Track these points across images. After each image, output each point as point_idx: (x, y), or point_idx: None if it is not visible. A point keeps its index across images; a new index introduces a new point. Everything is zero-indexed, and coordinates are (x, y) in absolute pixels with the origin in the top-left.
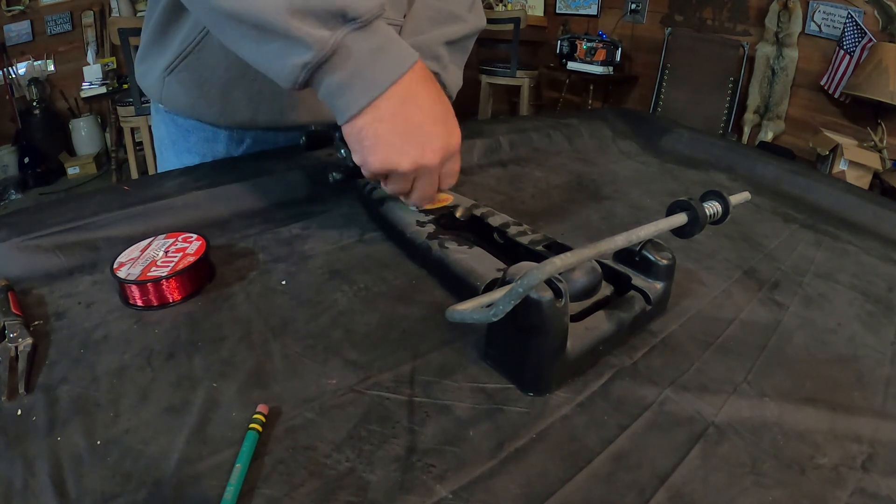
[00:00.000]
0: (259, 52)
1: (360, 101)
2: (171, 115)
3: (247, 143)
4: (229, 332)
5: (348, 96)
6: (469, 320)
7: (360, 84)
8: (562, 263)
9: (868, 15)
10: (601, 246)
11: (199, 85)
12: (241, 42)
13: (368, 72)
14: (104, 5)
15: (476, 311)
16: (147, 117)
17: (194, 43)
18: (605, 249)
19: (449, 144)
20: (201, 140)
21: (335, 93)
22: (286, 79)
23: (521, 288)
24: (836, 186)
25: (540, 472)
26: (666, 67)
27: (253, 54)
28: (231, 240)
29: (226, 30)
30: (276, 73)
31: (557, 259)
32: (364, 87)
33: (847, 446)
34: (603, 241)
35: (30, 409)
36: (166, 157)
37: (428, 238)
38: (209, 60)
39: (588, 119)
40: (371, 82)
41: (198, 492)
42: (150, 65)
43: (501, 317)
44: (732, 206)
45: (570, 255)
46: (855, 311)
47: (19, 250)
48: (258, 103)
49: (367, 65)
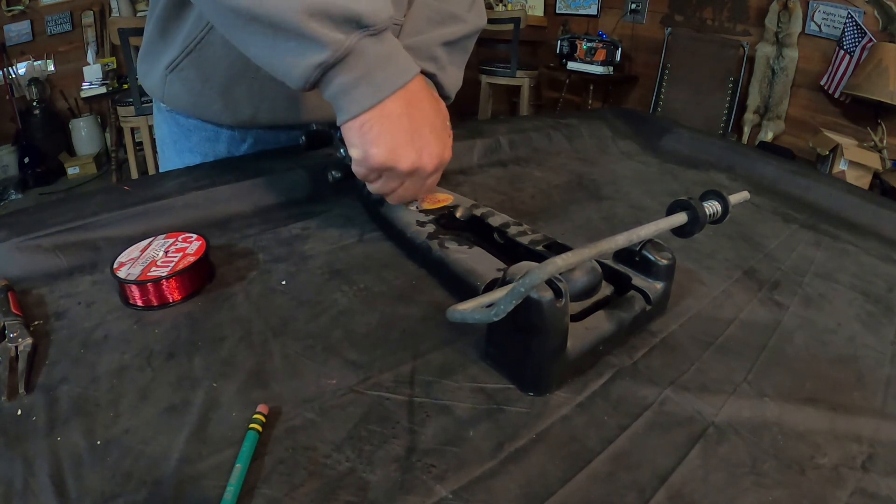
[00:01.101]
0: (272, 51)
1: (366, 101)
2: (173, 115)
3: (248, 142)
4: (229, 332)
5: (355, 96)
6: (470, 320)
7: (368, 86)
8: (563, 263)
9: (868, 15)
10: (602, 245)
11: (200, 83)
12: (253, 40)
13: (377, 75)
14: (104, 5)
15: (477, 310)
16: (147, 117)
17: (196, 41)
18: (605, 249)
19: (444, 154)
20: (203, 139)
21: (342, 93)
22: (298, 78)
23: (522, 287)
24: (836, 186)
25: (540, 472)
26: (666, 67)
27: (264, 53)
28: (231, 240)
29: (236, 28)
30: (287, 73)
31: (559, 259)
32: (372, 89)
33: (847, 446)
34: (604, 240)
35: (30, 409)
36: (168, 157)
37: (428, 238)
38: (211, 58)
39: (588, 119)
40: (380, 85)
41: (198, 492)
42: (151, 63)
43: (503, 316)
44: (732, 205)
45: (572, 254)
46: (855, 311)
47: (19, 250)
48: (259, 101)
49: (377, 68)
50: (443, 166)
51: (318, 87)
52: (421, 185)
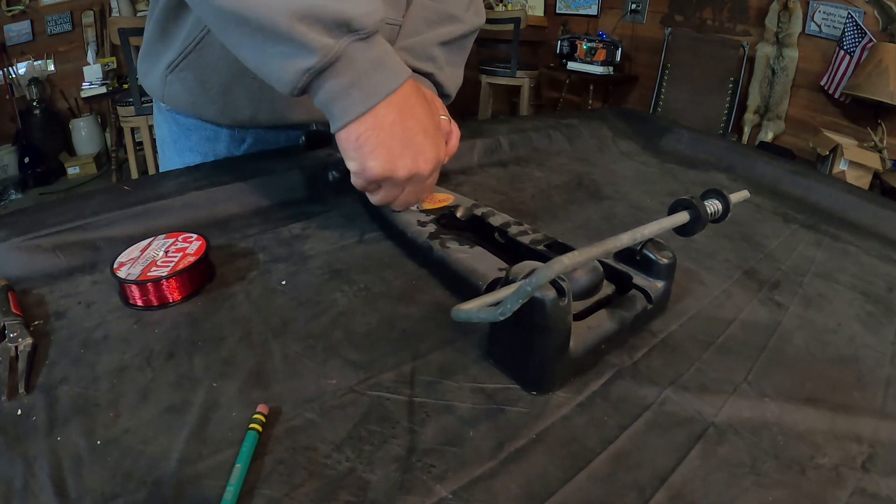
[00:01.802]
0: (261, 55)
1: (357, 108)
2: (173, 114)
3: (248, 142)
4: (229, 332)
5: (346, 102)
6: (475, 319)
7: (359, 92)
8: (570, 262)
9: (868, 15)
10: (608, 244)
11: (200, 83)
12: (243, 43)
13: (368, 81)
14: (104, 5)
15: (483, 310)
16: (147, 117)
17: (195, 41)
18: (611, 248)
19: (439, 156)
20: (202, 139)
21: (333, 99)
22: (287, 83)
23: (529, 287)
24: (836, 186)
25: (540, 473)
26: (666, 67)
27: (254, 57)
28: (231, 240)
29: (228, 30)
30: (276, 78)
31: (566, 258)
32: (363, 95)
33: (847, 446)
34: (609, 239)
35: (30, 409)
36: (168, 156)
37: (429, 238)
38: (210, 58)
39: (588, 119)
40: (370, 91)
41: (198, 492)
42: (151, 63)
43: (509, 315)
44: (732, 204)
45: (578, 253)
46: (855, 311)
47: (19, 250)
48: (259, 101)
49: (367, 74)
50: (440, 166)
51: (308, 93)
52: (421, 188)
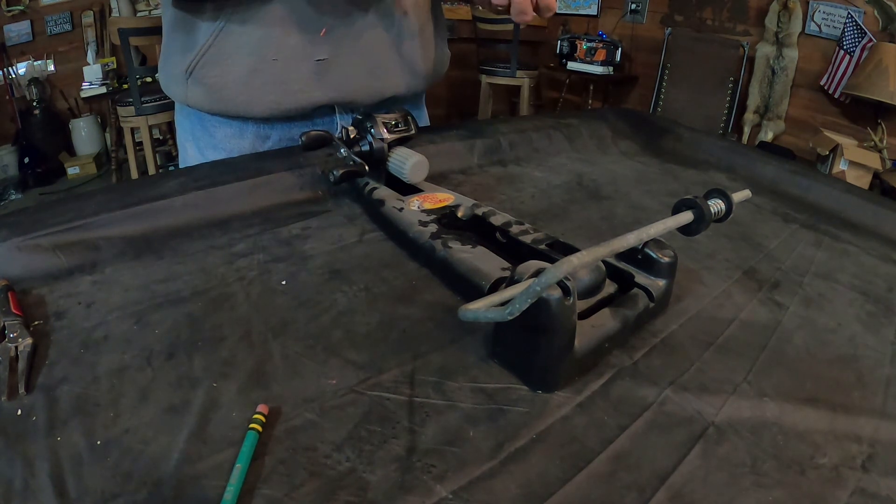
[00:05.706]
0: None
1: None
2: (197, 112)
3: (273, 138)
4: (229, 332)
5: None
6: (483, 319)
7: None
8: (578, 262)
9: (868, 15)
10: (615, 244)
11: (220, 78)
12: None
13: None
14: (104, 5)
15: (490, 309)
16: (147, 117)
17: (213, 35)
18: (617, 248)
19: None
20: (227, 136)
21: None
22: None
23: (538, 286)
24: (836, 186)
25: (540, 473)
26: (666, 67)
27: None
28: (231, 240)
29: None
30: None
31: (574, 257)
32: None
33: (847, 446)
34: (615, 239)
35: (30, 409)
36: (190, 154)
37: (431, 238)
38: (229, 50)
39: (588, 119)
40: None
41: (198, 492)
42: (170, 70)
43: (517, 315)
44: (735, 203)
45: (586, 253)
46: (855, 311)
47: (19, 250)
48: (282, 84)
49: None
50: None
51: None
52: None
